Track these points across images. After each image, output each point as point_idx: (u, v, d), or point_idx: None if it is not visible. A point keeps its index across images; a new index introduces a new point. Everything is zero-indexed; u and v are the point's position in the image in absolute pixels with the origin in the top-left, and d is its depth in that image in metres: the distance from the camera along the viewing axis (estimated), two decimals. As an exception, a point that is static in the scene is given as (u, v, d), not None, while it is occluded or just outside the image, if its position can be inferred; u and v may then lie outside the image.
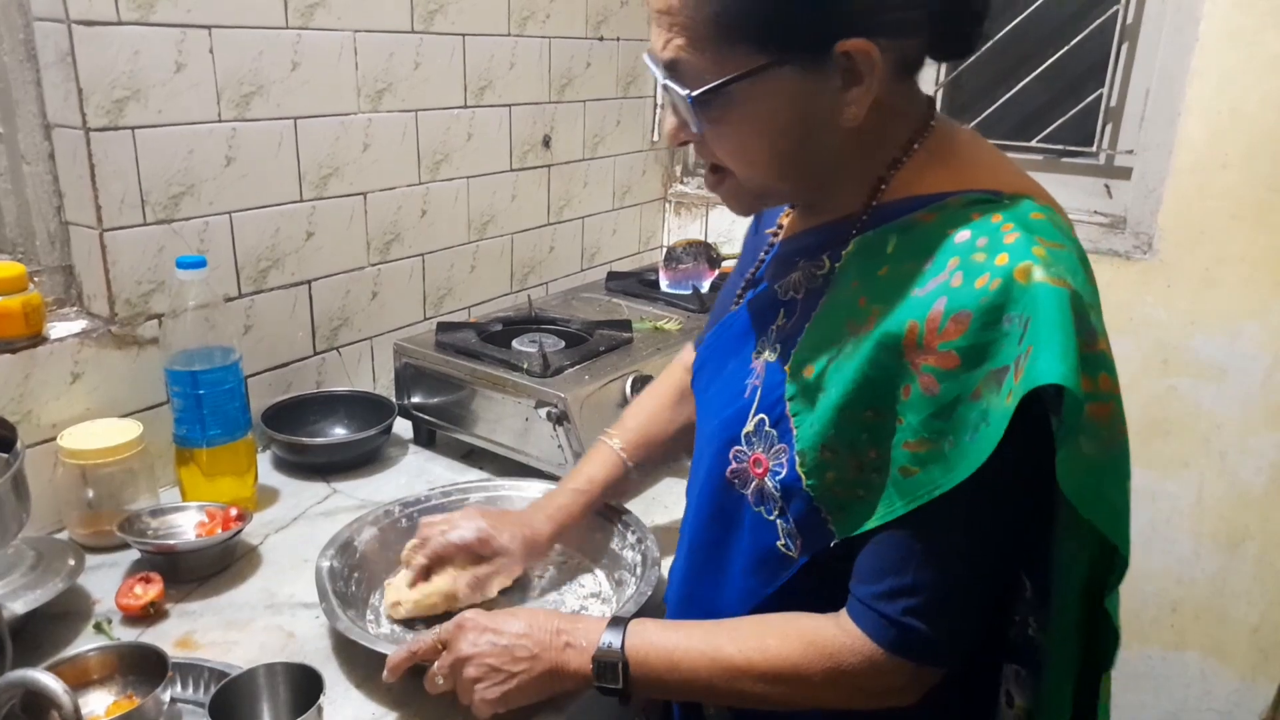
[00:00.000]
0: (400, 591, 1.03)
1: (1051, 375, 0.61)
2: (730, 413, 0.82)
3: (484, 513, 1.07)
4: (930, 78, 1.92)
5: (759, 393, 0.80)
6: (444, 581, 1.02)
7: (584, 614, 1.05)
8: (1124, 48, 1.73)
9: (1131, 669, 1.91)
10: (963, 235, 0.69)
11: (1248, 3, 1.53)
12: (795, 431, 0.75)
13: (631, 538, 1.14)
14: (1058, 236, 0.69)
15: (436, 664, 0.85)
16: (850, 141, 0.74)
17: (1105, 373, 0.64)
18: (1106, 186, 1.80)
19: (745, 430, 0.80)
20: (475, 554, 1.03)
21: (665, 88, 0.74)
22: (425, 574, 1.03)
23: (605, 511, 1.17)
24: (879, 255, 0.74)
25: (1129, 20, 1.71)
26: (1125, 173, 1.76)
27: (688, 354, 1.14)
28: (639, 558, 1.10)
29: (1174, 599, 1.84)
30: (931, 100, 0.79)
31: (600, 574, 1.15)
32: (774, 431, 0.77)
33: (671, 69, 0.72)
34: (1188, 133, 1.63)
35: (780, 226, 0.90)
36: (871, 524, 0.71)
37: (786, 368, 0.77)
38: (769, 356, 0.81)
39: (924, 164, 0.76)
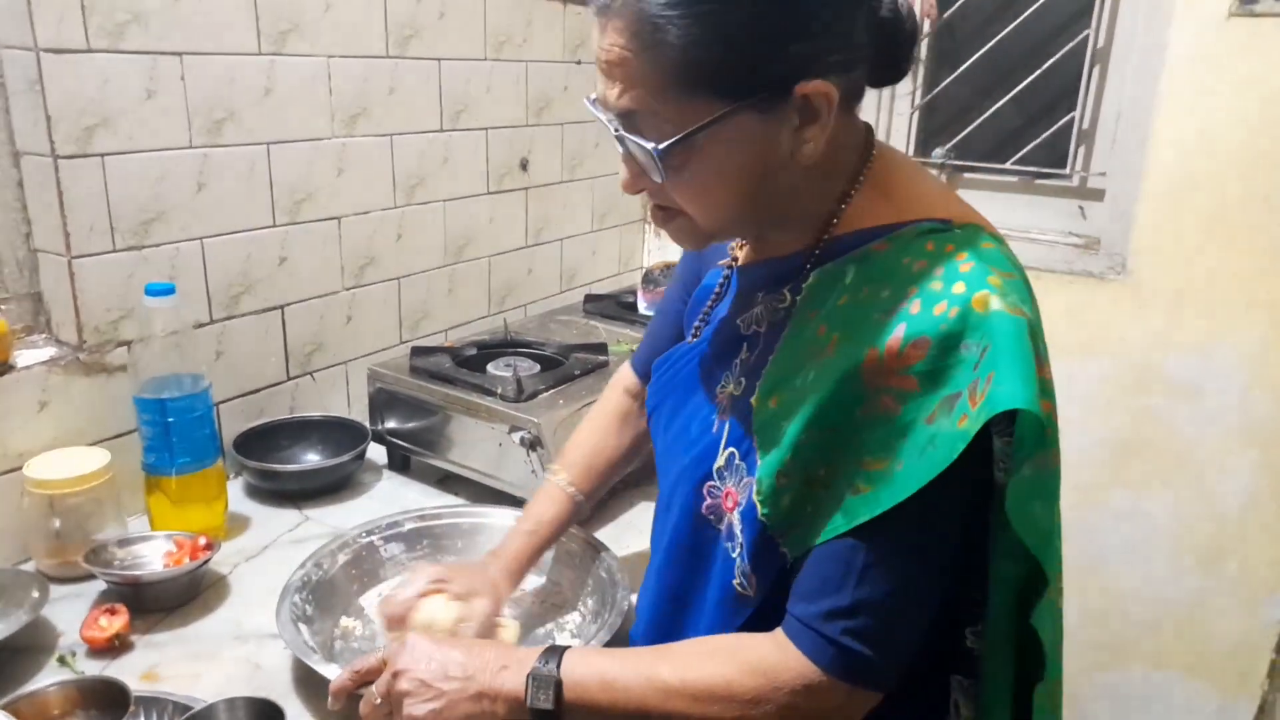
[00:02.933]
0: (436, 609, 0.98)
1: (1015, 400, 0.63)
2: (699, 449, 0.83)
3: (438, 565, 1.05)
4: (906, 103, 1.94)
5: (727, 426, 0.80)
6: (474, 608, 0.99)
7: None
8: (1095, 71, 1.75)
9: (1114, 689, 1.91)
10: (920, 264, 0.70)
11: (1213, 29, 1.55)
12: (760, 463, 0.75)
13: (603, 573, 1.13)
14: (1008, 266, 0.71)
15: (376, 682, 0.84)
16: (805, 177, 0.75)
17: (1048, 399, 0.66)
18: (1080, 208, 1.82)
19: (717, 465, 0.80)
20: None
21: (621, 139, 0.73)
22: (400, 624, 1.00)
23: (582, 546, 1.17)
24: (838, 286, 0.75)
25: (1099, 45, 1.73)
26: (1098, 194, 1.78)
27: (625, 377, 1.15)
28: (608, 595, 1.09)
29: (1154, 618, 1.84)
30: (870, 127, 0.81)
31: (576, 615, 1.14)
32: (743, 465, 0.78)
33: (628, 119, 0.72)
34: (1158, 155, 1.65)
35: (735, 259, 0.91)
36: (813, 540, 0.72)
37: (753, 400, 0.78)
38: (734, 390, 0.82)
39: (872, 196, 0.78)
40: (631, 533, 1.31)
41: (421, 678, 0.80)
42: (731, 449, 0.79)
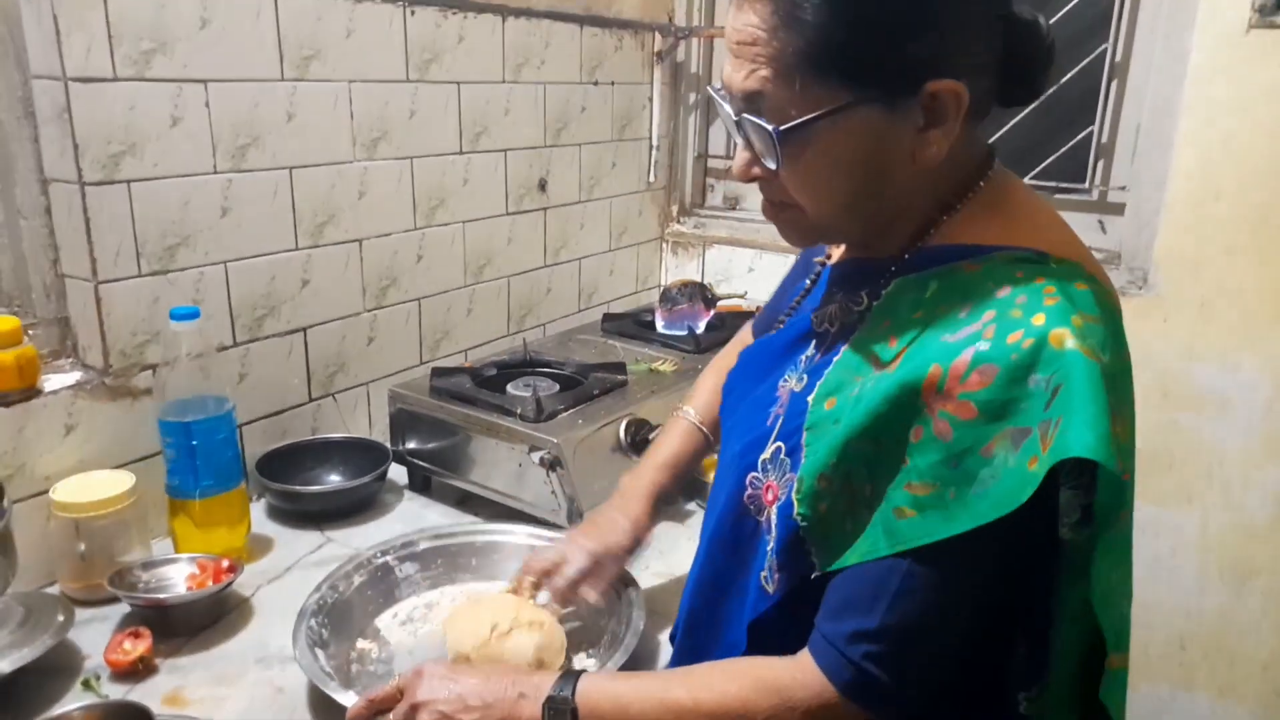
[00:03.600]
0: (473, 631, 0.99)
1: (1084, 448, 0.60)
2: (752, 438, 0.82)
3: (582, 532, 1.09)
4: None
5: (780, 420, 0.80)
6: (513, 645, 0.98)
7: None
8: (1113, 84, 1.74)
9: (1141, 708, 1.88)
10: (1004, 290, 0.68)
11: (1233, 41, 1.55)
12: (805, 462, 0.74)
13: (618, 593, 1.12)
14: (1096, 311, 0.68)
15: (393, 712, 0.85)
16: (917, 182, 0.74)
17: (1125, 457, 0.63)
18: (1100, 222, 1.80)
19: (763, 457, 0.80)
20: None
21: (741, 122, 0.73)
22: (533, 591, 1.06)
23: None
24: (917, 298, 0.74)
25: (1118, 58, 1.73)
26: (1119, 208, 1.77)
27: (745, 336, 1.14)
28: (623, 615, 1.09)
29: (1181, 635, 1.82)
30: (992, 149, 0.79)
31: (597, 653, 1.10)
32: (788, 460, 0.77)
33: (751, 102, 0.71)
34: (1179, 166, 1.64)
35: (829, 255, 0.90)
36: (851, 559, 0.71)
37: (810, 398, 0.77)
38: (795, 385, 0.81)
39: (976, 213, 0.76)
40: (652, 553, 1.30)
41: (442, 710, 0.81)
42: (780, 443, 0.78)
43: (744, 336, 1.14)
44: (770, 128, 0.69)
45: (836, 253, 0.89)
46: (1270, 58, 1.52)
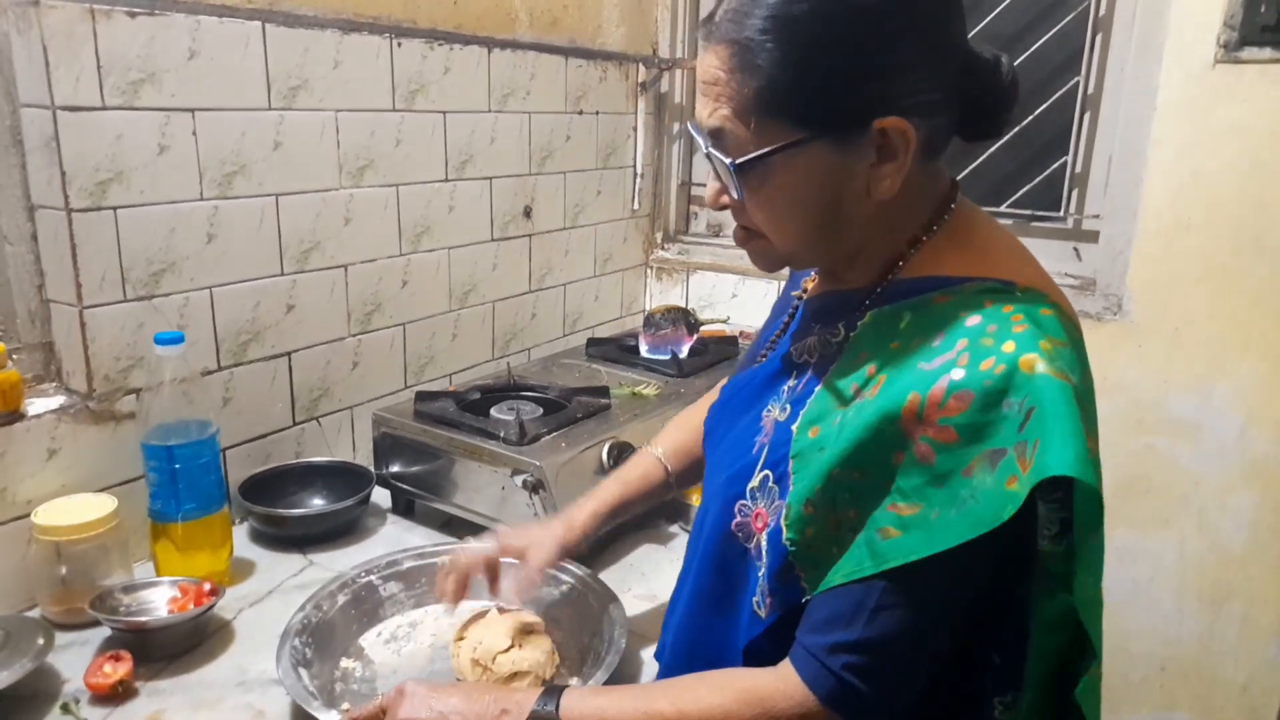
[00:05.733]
0: (495, 641, 1.05)
1: (1065, 466, 0.63)
2: (738, 467, 0.84)
3: (516, 526, 1.14)
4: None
5: (766, 449, 0.82)
6: (529, 654, 1.04)
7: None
8: (1086, 117, 1.79)
9: (1123, 732, 1.89)
10: (974, 320, 0.71)
11: (1200, 76, 1.59)
12: (793, 489, 0.77)
13: (599, 611, 1.14)
14: (1062, 335, 0.72)
15: None
16: (878, 216, 0.77)
17: (1095, 471, 0.66)
18: (1075, 249, 1.84)
19: (751, 485, 0.82)
20: (504, 555, 1.10)
21: (709, 155, 0.77)
22: (460, 592, 1.08)
23: (583, 585, 1.18)
24: (892, 329, 0.77)
25: (1090, 91, 1.77)
26: (1093, 236, 1.81)
27: (719, 389, 1.16)
28: (606, 634, 1.09)
29: (1161, 659, 1.83)
30: (955, 182, 0.83)
31: (574, 653, 1.13)
32: (776, 488, 0.79)
33: (716, 137, 0.76)
34: (1151, 198, 1.68)
35: (805, 290, 0.93)
36: (836, 579, 0.73)
37: (794, 427, 0.79)
38: (779, 415, 0.83)
39: (943, 246, 0.79)
40: (634, 575, 1.32)
41: None
42: (767, 471, 0.80)
43: (715, 393, 1.17)
44: (728, 161, 0.74)
45: (812, 286, 0.92)
46: (1235, 92, 1.56)
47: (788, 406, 0.82)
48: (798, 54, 0.70)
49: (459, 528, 1.43)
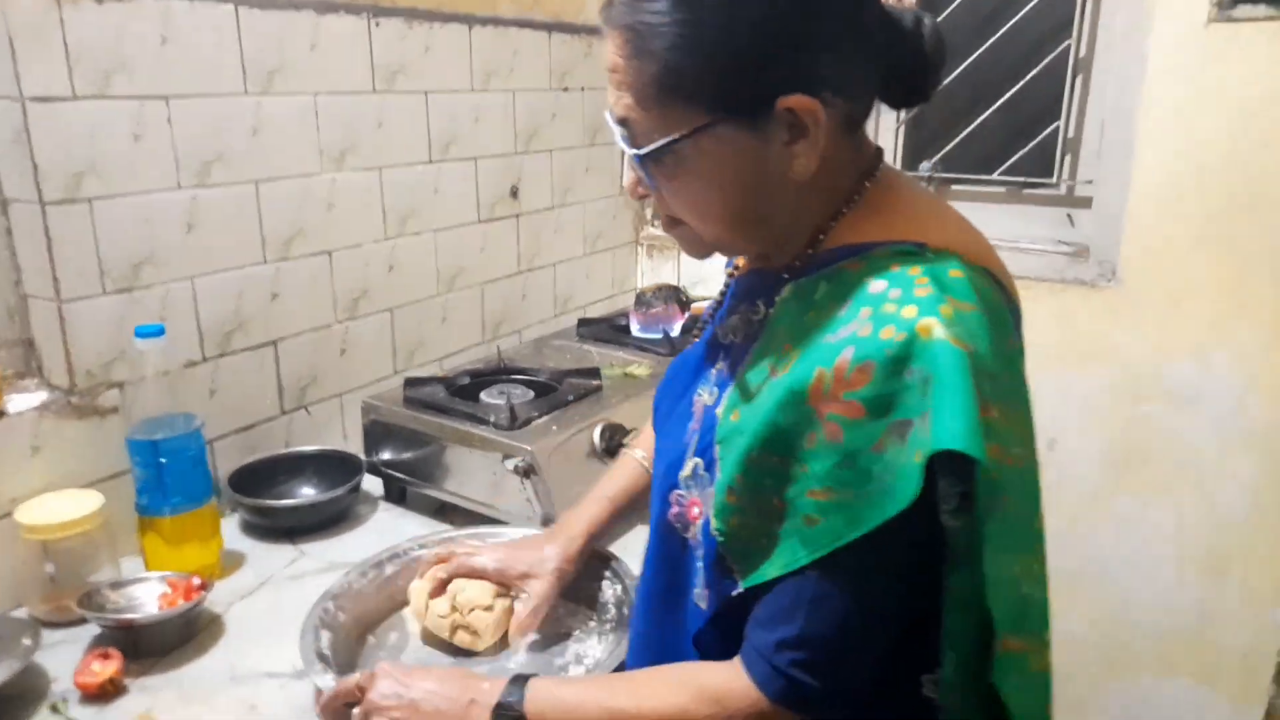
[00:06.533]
0: (419, 597, 1.09)
1: (953, 439, 0.61)
2: (673, 456, 0.83)
3: (511, 544, 1.14)
4: (891, 116, 1.95)
5: (696, 436, 0.80)
6: (449, 608, 1.07)
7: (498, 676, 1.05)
8: (1078, 81, 1.76)
9: (1122, 698, 1.89)
10: (878, 285, 0.69)
11: (1193, 36, 1.56)
12: (719, 476, 0.75)
13: (619, 589, 1.13)
14: (971, 298, 0.68)
15: (354, 711, 0.86)
16: (801, 194, 0.75)
17: (997, 442, 0.63)
18: (1069, 215, 1.82)
19: (683, 474, 0.80)
20: (500, 583, 1.10)
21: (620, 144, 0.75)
22: (441, 588, 1.09)
23: (595, 563, 1.17)
24: (808, 301, 0.74)
25: (1081, 54, 1.74)
26: (1086, 202, 1.78)
27: None
28: (622, 621, 1.09)
29: (1162, 627, 1.83)
30: (880, 151, 0.80)
31: (588, 638, 1.12)
32: (706, 475, 0.77)
33: (623, 126, 0.74)
34: (1143, 161, 1.65)
35: (736, 267, 0.91)
36: (772, 571, 0.71)
37: (718, 411, 0.78)
38: (707, 399, 0.81)
39: (862, 214, 0.76)
40: (629, 556, 1.30)
41: (394, 717, 0.82)
42: (697, 459, 0.79)
43: None
44: (632, 151, 0.72)
45: (743, 264, 0.90)
46: (1229, 53, 1.54)
47: (715, 390, 0.81)
48: (693, 36, 0.68)
49: (452, 514, 1.42)
